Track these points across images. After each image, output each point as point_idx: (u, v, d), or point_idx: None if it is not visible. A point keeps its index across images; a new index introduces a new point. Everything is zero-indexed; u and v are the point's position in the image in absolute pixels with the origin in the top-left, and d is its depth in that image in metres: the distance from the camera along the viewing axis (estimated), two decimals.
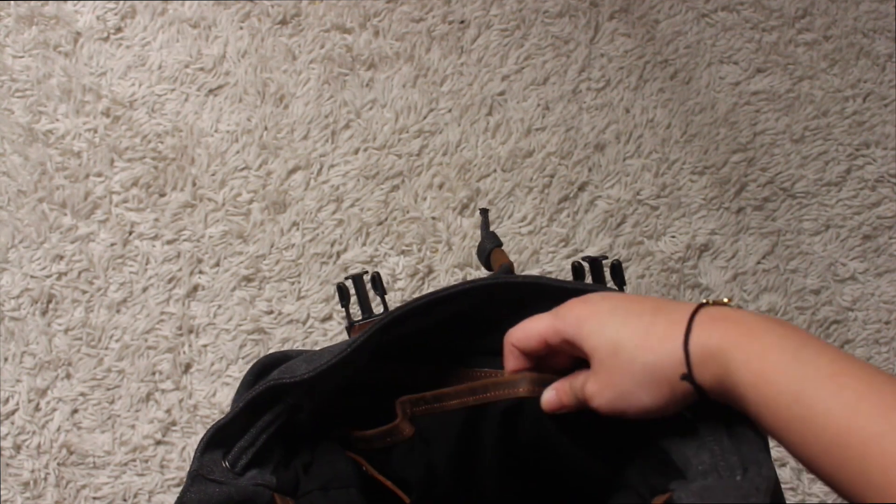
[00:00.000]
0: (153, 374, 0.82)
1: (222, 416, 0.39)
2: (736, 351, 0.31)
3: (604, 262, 0.51)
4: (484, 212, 0.62)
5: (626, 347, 0.34)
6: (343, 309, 0.57)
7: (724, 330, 0.32)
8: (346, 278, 0.55)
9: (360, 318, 0.54)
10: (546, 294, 0.41)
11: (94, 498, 0.80)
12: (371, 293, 0.55)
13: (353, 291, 0.55)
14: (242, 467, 0.38)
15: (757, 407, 0.31)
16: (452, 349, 0.45)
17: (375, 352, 0.41)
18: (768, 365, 0.30)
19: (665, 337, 0.33)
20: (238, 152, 0.88)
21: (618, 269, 0.50)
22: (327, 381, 0.40)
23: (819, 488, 0.83)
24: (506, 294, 0.42)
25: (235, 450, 0.38)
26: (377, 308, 0.55)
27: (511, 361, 0.42)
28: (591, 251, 0.89)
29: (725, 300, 0.35)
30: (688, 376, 0.33)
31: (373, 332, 0.39)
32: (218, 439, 0.38)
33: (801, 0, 0.98)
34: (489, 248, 0.57)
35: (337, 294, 0.59)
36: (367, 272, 0.58)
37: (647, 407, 0.34)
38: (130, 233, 0.85)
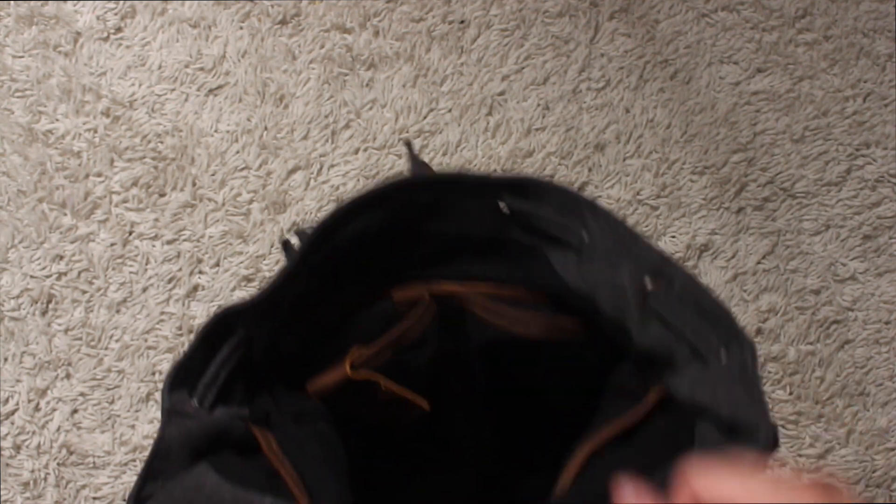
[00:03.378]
0: (153, 374, 0.82)
1: None
2: None
3: None
4: (407, 143, 0.60)
5: None
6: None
7: None
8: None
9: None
10: (465, 192, 0.40)
11: (94, 498, 0.80)
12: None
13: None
14: (209, 405, 0.38)
15: None
16: (387, 268, 0.45)
17: (318, 273, 0.41)
18: None
19: None
20: (238, 152, 0.88)
21: None
22: (278, 307, 0.39)
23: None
24: (423, 196, 0.41)
25: (200, 387, 0.38)
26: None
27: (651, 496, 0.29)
28: None
29: None
30: None
31: (308, 244, 0.39)
32: (181, 378, 0.38)
33: (801, 0, 0.98)
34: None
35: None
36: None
37: None
38: (130, 233, 0.85)
